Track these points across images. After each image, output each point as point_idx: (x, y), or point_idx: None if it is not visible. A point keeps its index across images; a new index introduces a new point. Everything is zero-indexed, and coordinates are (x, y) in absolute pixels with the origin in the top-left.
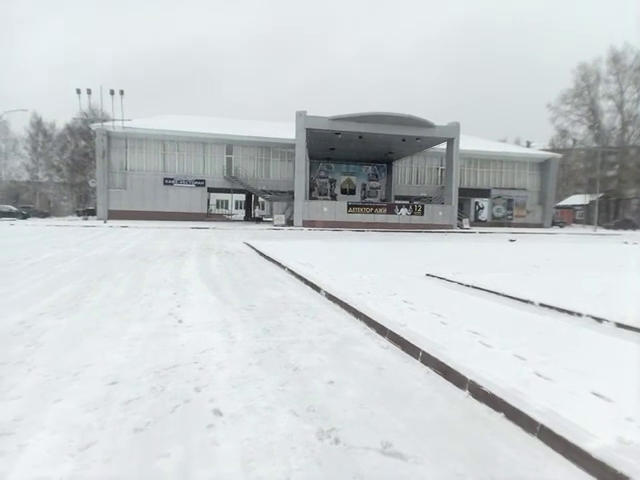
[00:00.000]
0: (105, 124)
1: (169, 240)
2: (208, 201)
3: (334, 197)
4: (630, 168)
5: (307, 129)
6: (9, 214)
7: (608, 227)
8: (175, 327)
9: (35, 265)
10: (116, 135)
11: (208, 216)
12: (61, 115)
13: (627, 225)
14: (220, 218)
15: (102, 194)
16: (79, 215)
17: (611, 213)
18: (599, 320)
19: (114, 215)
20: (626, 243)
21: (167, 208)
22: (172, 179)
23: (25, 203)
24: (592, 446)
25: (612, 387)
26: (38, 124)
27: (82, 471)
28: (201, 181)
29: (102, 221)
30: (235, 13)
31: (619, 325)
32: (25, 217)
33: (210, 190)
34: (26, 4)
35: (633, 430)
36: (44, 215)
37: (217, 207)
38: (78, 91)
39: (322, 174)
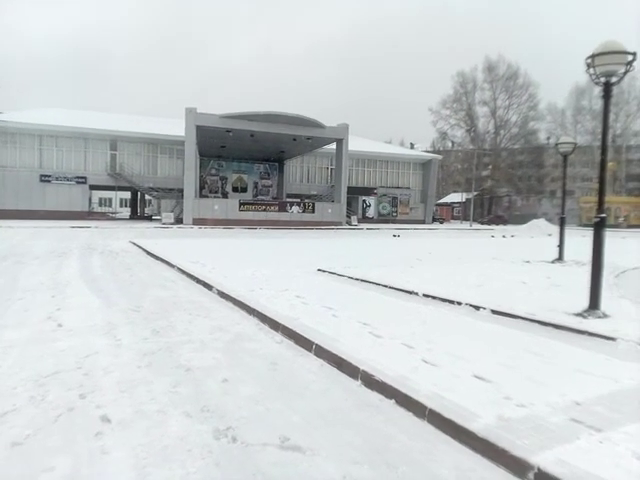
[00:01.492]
0: None
1: (46, 240)
2: (90, 199)
3: (225, 195)
4: (502, 168)
5: (197, 126)
6: None
7: (482, 222)
8: (54, 332)
9: None
10: None
11: (90, 215)
12: None
13: (499, 220)
14: (103, 217)
15: None
16: None
17: (485, 210)
18: (477, 308)
19: None
20: (493, 237)
21: (44, 207)
22: (50, 176)
23: None
24: (476, 426)
25: (491, 369)
26: None
27: None
28: (82, 178)
29: None
30: (126, 11)
31: (494, 312)
32: None
33: (92, 187)
34: None
35: (511, 408)
36: None
37: (100, 205)
38: None
39: (213, 172)
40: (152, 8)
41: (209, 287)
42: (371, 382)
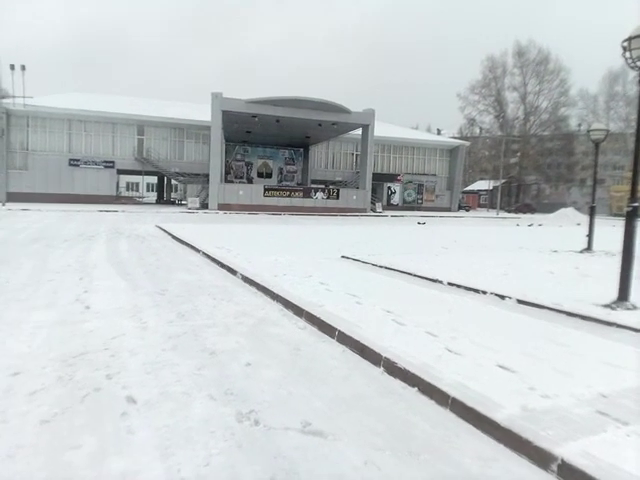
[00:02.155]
0: (4, 101)
1: (75, 224)
2: (117, 183)
3: (250, 180)
4: (531, 156)
5: (223, 111)
6: None
7: (509, 211)
8: (82, 313)
9: None
10: (16, 113)
11: (117, 199)
12: None
13: (526, 209)
14: (130, 201)
15: (0, 175)
16: None
17: (512, 198)
18: (502, 297)
19: (14, 198)
20: (518, 225)
21: (73, 190)
22: (78, 160)
23: None
24: (499, 416)
25: (516, 359)
26: None
27: None
28: (110, 162)
29: (0, 204)
30: None
31: (520, 302)
32: None
33: (120, 172)
34: None
35: (535, 398)
36: None
37: (127, 189)
38: None
39: (238, 157)
40: None
41: (233, 272)
42: (394, 369)
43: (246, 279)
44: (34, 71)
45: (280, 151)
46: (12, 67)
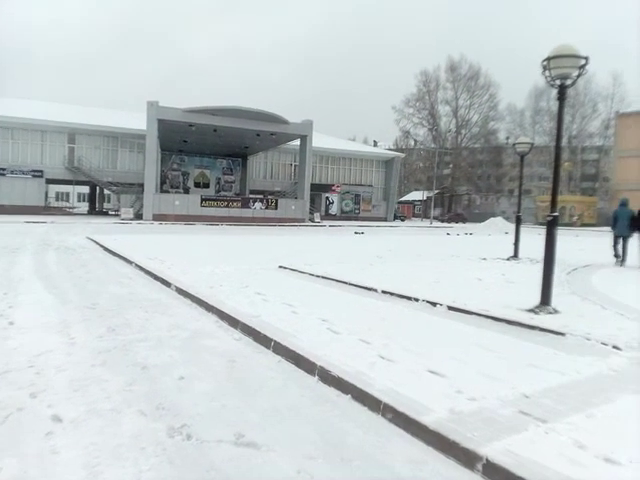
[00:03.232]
0: None
1: None
2: (46, 193)
3: (187, 190)
4: (462, 167)
5: (159, 120)
6: None
7: (442, 220)
8: (6, 329)
9: None
10: None
11: (46, 209)
12: None
13: (458, 218)
14: (60, 211)
15: None
16: None
17: (445, 207)
18: (434, 304)
19: None
20: (448, 234)
21: None
22: (4, 169)
23: None
24: (428, 419)
25: (445, 364)
26: None
27: None
28: (38, 172)
29: None
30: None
31: (450, 308)
32: None
33: (49, 181)
34: None
35: (462, 401)
36: None
37: (57, 199)
38: None
39: (175, 167)
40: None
41: (167, 284)
42: (328, 378)
43: (180, 291)
44: None
45: (218, 161)
46: None
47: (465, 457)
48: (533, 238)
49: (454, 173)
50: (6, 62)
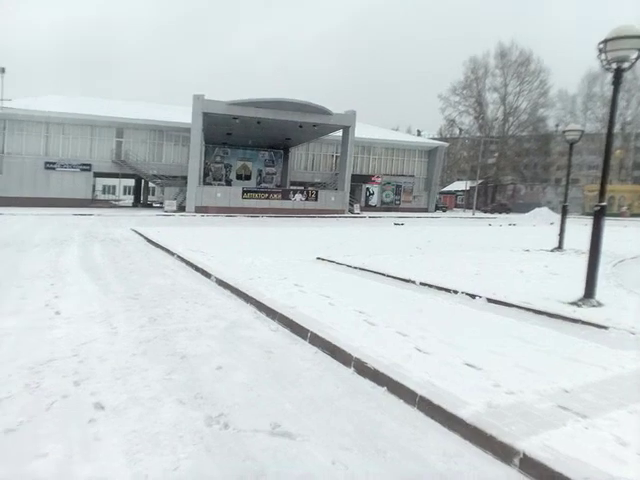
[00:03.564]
0: None
1: (48, 228)
2: (94, 186)
3: (229, 182)
4: (508, 156)
5: (204, 113)
6: None
7: (485, 211)
8: (52, 319)
9: None
10: None
11: (93, 202)
12: None
13: (502, 209)
14: (106, 204)
15: None
16: None
17: (489, 198)
18: (472, 296)
19: None
20: (490, 225)
21: (48, 194)
22: (54, 163)
23: None
24: (465, 412)
25: (483, 357)
26: None
27: None
28: (87, 165)
29: None
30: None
31: (490, 300)
32: None
33: (97, 175)
34: None
35: (500, 395)
36: None
37: (103, 192)
38: None
39: (218, 159)
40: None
41: (208, 275)
42: (364, 369)
43: (220, 282)
44: (16, 74)
45: (260, 153)
46: None
47: (502, 451)
48: (579, 229)
49: (499, 162)
50: (56, 60)
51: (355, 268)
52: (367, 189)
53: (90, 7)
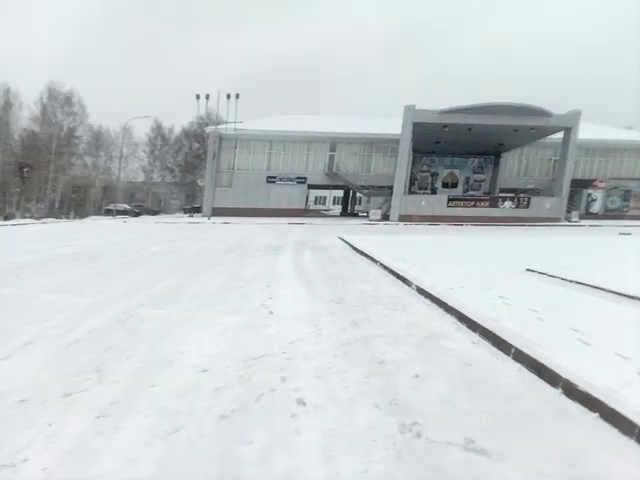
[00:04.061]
0: (218, 127)
1: (266, 235)
2: (307, 197)
3: (434, 191)
4: None
5: (414, 123)
6: (124, 212)
7: None
8: (265, 318)
9: (142, 259)
10: (227, 137)
11: (306, 212)
12: (181, 119)
13: None
14: (317, 214)
15: (209, 192)
16: (185, 212)
17: None
18: None
19: (218, 212)
20: None
21: (268, 205)
22: (275, 177)
23: (138, 202)
24: None
25: None
26: (158, 129)
27: (169, 454)
28: (302, 178)
29: (206, 218)
30: (356, 15)
31: None
32: (137, 215)
33: (310, 187)
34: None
35: None
36: (154, 213)
37: (315, 203)
38: (197, 97)
39: (424, 168)
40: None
41: (408, 283)
42: (572, 391)
43: (420, 290)
44: (245, 99)
45: (469, 160)
46: (228, 96)
47: None
48: None
49: None
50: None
51: (570, 281)
52: (588, 195)
53: (314, 40)
